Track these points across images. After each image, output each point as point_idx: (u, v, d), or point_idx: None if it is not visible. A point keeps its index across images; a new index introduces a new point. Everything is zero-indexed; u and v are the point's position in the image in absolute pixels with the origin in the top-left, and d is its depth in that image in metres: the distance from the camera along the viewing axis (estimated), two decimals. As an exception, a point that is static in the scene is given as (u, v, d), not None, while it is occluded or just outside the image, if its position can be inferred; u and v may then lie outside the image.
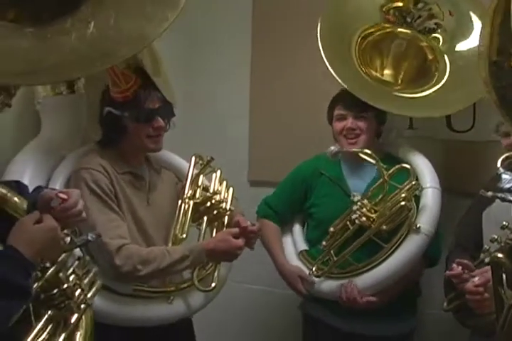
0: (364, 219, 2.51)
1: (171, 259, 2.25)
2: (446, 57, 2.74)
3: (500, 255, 1.58)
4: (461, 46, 2.73)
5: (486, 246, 2.00)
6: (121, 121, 2.34)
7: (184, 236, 2.40)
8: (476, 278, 1.99)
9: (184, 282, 2.41)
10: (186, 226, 2.42)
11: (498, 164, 1.96)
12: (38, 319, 1.59)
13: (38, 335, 1.58)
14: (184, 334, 2.53)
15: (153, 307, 2.34)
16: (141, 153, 2.48)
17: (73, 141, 2.56)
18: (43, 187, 1.98)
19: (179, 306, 2.40)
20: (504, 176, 1.96)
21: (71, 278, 1.69)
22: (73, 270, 1.72)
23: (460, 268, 2.10)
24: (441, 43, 2.75)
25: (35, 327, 1.58)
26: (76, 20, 1.45)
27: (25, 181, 2.27)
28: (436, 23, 2.75)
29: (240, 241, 2.36)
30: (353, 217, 2.52)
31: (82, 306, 1.70)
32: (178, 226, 2.42)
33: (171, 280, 2.40)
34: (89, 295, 1.73)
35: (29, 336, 1.56)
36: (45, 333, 1.60)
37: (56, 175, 2.43)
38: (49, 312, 1.62)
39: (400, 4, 2.77)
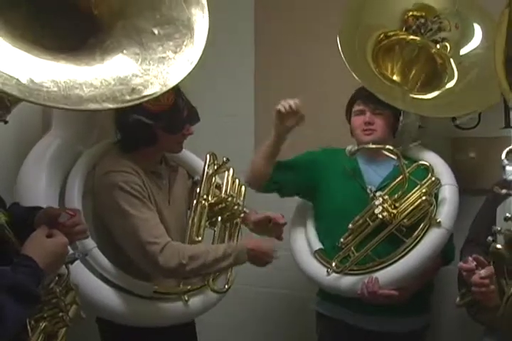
0: (386, 213, 2.54)
1: (215, 255, 2.28)
2: (452, 62, 2.82)
3: (499, 246, 1.59)
4: (465, 50, 2.82)
5: (489, 238, 2.02)
6: (152, 130, 2.34)
7: (200, 238, 2.45)
8: (483, 270, 2.00)
9: (197, 282, 2.48)
10: (202, 229, 2.47)
11: (503, 156, 1.98)
12: (32, 331, 1.65)
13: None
14: (187, 336, 2.58)
15: (170, 307, 2.41)
16: (162, 153, 2.51)
17: (89, 136, 2.57)
18: (37, 207, 1.97)
19: (194, 305, 2.46)
20: (508, 168, 1.97)
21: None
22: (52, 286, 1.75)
23: (474, 263, 2.12)
24: (448, 50, 2.84)
25: (32, 338, 1.64)
26: (106, 54, 1.52)
27: (43, 179, 2.36)
28: (441, 37, 2.84)
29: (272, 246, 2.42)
30: (376, 211, 2.55)
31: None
32: (194, 229, 2.46)
33: (185, 282, 2.46)
34: (70, 314, 1.77)
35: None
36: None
37: (74, 171, 2.45)
38: (43, 324, 1.68)
39: (423, 14, 2.85)
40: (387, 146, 2.60)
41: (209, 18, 2.04)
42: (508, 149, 2.03)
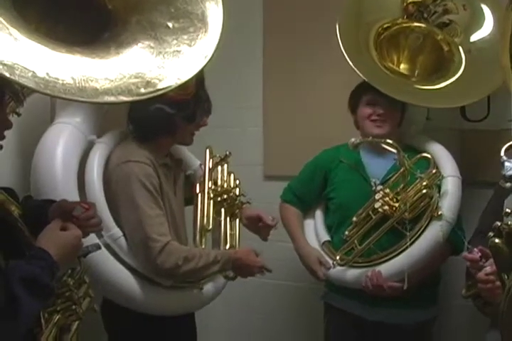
0: (387, 207, 2.55)
1: (206, 260, 2.31)
2: (461, 48, 2.76)
3: (497, 240, 1.58)
4: (475, 37, 2.75)
5: (490, 234, 2.02)
6: (172, 119, 2.34)
7: (210, 227, 2.48)
8: (488, 267, 1.99)
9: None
10: (211, 218, 2.50)
11: (502, 152, 1.98)
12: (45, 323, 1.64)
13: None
14: (187, 326, 2.58)
15: (188, 295, 2.45)
16: (171, 146, 2.52)
17: (95, 123, 2.53)
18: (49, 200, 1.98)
19: (207, 292, 2.50)
20: (507, 164, 1.98)
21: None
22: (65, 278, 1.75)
23: (479, 254, 2.13)
24: (456, 36, 2.78)
25: (45, 331, 1.63)
26: (121, 48, 1.53)
27: (58, 169, 2.28)
28: (449, 19, 2.78)
29: (261, 260, 2.45)
30: (376, 205, 2.56)
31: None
32: (204, 218, 2.49)
33: None
34: (83, 307, 1.77)
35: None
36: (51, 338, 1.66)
37: (91, 161, 2.38)
38: (56, 316, 1.67)
39: (421, -1, 2.81)
40: (387, 140, 2.60)
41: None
42: (507, 145, 2.05)
